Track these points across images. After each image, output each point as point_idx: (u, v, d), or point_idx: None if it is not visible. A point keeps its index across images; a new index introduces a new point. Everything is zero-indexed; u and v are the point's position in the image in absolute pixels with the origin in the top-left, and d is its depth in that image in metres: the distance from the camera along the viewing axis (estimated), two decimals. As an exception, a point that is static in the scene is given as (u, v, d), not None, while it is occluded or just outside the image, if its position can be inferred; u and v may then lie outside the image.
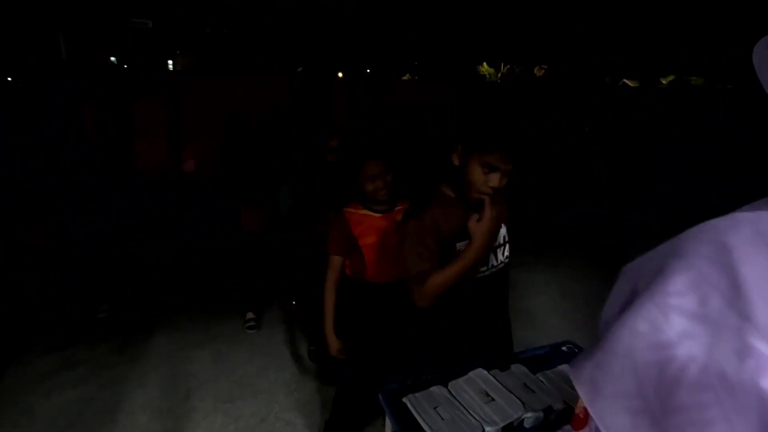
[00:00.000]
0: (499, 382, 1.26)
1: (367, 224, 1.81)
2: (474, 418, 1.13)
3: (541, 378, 1.29)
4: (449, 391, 1.24)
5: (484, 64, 14.80)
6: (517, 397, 1.20)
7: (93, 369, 2.75)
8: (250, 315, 3.19)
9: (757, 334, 0.32)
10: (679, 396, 0.34)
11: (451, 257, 1.31)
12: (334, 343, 1.89)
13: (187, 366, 2.80)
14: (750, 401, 0.31)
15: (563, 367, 1.34)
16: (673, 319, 0.36)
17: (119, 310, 3.38)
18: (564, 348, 1.54)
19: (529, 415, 1.15)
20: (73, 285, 3.64)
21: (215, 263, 4.18)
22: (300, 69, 7.33)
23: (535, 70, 15.88)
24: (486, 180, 1.25)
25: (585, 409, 0.43)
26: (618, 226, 5.39)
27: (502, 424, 1.11)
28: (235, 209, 3.14)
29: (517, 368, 1.34)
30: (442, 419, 1.13)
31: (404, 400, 1.20)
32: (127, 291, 3.65)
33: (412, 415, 1.16)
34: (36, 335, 3.04)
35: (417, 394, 1.22)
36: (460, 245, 1.34)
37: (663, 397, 0.35)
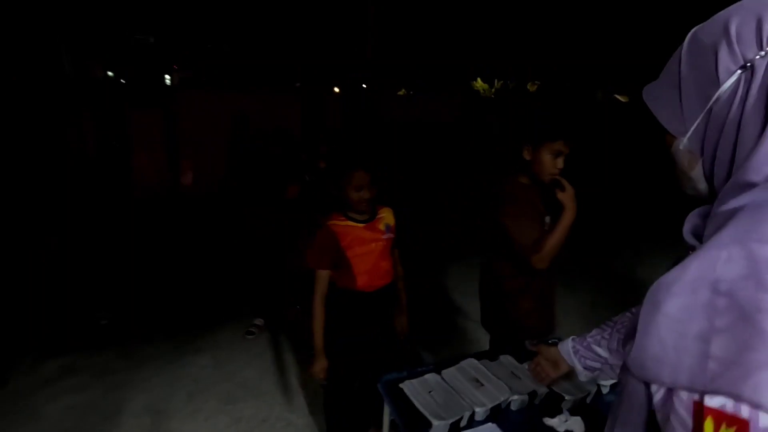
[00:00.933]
0: (488, 370, 1.36)
1: (354, 235, 1.81)
2: (465, 400, 1.23)
3: (526, 366, 1.39)
4: (442, 378, 1.34)
5: (479, 79, 15.07)
6: (505, 383, 1.30)
7: (96, 374, 2.82)
8: (258, 321, 3.28)
9: None
10: None
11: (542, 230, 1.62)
12: (322, 363, 1.84)
13: (189, 370, 2.87)
14: None
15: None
16: None
17: (121, 317, 3.45)
18: (549, 342, 1.64)
19: (515, 397, 1.25)
20: (77, 291, 3.70)
21: (217, 269, 4.27)
22: (298, 84, 7.55)
23: (528, 86, 16.18)
24: (554, 164, 1.60)
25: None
26: (606, 235, 5.52)
27: (490, 406, 1.21)
28: (244, 215, 3.26)
29: (505, 359, 1.44)
30: (436, 402, 1.23)
31: (401, 386, 1.30)
32: (129, 298, 3.72)
33: (409, 400, 1.26)
34: (40, 341, 3.10)
35: (413, 381, 1.32)
36: (546, 218, 1.67)
37: None
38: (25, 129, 4.98)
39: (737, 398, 0.38)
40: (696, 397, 0.41)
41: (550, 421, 1.20)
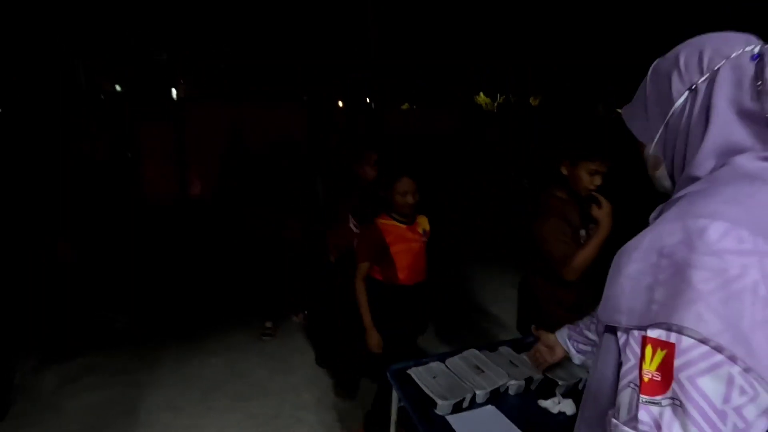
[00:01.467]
0: (488, 359, 1.48)
1: (397, 233, 2.03)
2: (467, 384, 1.36)
3: (524, 356, 1.51)
4: (446, 366, 1.46)
5: (481, 93, 15.29)
6: (504, 370, 1.42)
7: (114, 374, 2.94)
8: (268, 324, 3.40)
9: None
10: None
11: (576, 243, 1.71)
12: (376, 337, 2.02)
13: (202, 371, 2.99)
14: None
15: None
16: None
17: (136, 321, 3.57)
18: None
19: (512, 383, 1.38)
20: (93, 296, 3.82)
21: (226, 273, 4.40)
22: (305, 98, 7.78)
23: (531, 100, 16.40)
24: (591, 180, 1.69)
25: (662, 369, 0.52)
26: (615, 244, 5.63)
27: (489, 389, 1.33)
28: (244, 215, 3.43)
29: (504, 349, 1.57)
30: (441, 386, 1.35)
31: (409, 371, 1.43)
32: (143, 303, 3.84)
33: (415, 386, 1.38)
34: (60, 344, 3.21)
35: (419, 368, 1.44)
36: (582, 232, 1.75)
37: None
38: (40, 135, 5.17)
39: (668, 328, 0.52)
40: (643, 332, 0.54)
41: (544, 403, 1.32)
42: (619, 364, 0.61)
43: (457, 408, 1.30)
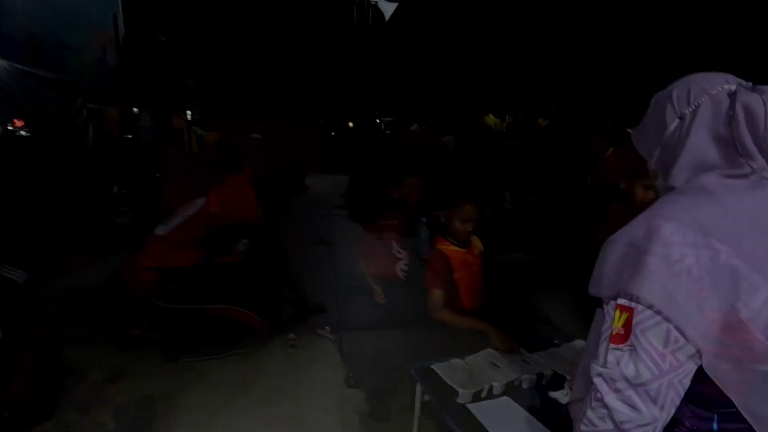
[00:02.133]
0: (504, 357, 1.65)
1: (459, 258, 2.04)
2: (485, 378, 1.52)
3: (535, 355, 1.68)
4: (466, 362, 1.63)
5: (490, 114, 15.49)
6: (518, 366, 1.59)
7: (144, 377, 3.11)
8: (291, 335, 3.58)
9: None
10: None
11: None
12: (500, 334, 1.84)
13: (228, 376, 3.15)
14: None
15: (553, 349, 1.74)
16: None
17: (162, 329, 3.74)
18: (556, 341, 1.92)
19: (526, 377, 1.54)
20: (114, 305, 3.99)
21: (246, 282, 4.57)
22: (321, 120, 8.09)
23: (540, 120, 16.56)
24: (645, 194, 1.91)
25: (625, 326, 0.72)
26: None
27: (504, 381, 1.50)
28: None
29: (518, 349, 1.73)
30: (461, 378, 1.52)
31: (432, 366, 1.60)
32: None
33: (438, 379, 1.55)
34: (85, 351, 3.38)
35: (441, 364, 1.61)
36: None
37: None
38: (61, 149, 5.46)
39: (630, 297, 0.73)
40: (616, 301, 0.75)
41: (554, 394, 1.48)
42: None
43: (476, 398, 1.46)
